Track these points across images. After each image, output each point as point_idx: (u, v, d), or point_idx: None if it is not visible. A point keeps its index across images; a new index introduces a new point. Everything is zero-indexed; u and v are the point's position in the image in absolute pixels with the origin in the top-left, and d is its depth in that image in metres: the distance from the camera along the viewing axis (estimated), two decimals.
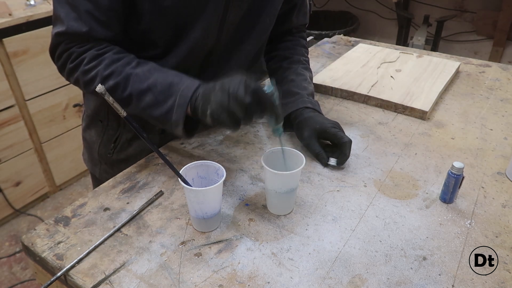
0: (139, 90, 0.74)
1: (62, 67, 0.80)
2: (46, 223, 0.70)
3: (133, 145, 0.95)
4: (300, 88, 0.93)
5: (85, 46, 0.76)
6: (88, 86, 0.77)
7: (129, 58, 0.77)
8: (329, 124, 0.85)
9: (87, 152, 1.04)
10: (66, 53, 0.77)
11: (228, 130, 0.90)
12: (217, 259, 0.64)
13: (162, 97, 0.73)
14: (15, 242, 2.07)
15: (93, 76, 0.75)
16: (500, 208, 0.74)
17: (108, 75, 0.75)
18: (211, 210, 0.66)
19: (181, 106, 0.72)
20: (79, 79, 0.77)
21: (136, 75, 0.74)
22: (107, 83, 0.74)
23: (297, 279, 0.60)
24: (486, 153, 0.89)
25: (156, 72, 0.75)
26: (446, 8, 2.66)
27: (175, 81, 0.74)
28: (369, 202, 0.75)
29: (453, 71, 1.19)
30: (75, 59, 0.76)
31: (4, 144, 1.97)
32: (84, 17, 0.73)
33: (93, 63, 0.75)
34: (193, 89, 0.72)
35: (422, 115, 1.01)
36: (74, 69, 0.77)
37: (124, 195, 0.77)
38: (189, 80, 0.74)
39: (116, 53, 0.77)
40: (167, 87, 0.73)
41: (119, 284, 0.59)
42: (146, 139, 0.65)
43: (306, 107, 0.90)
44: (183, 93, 0.72)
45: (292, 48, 1.03)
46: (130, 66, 0.75)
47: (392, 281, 0.60)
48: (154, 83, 0.74)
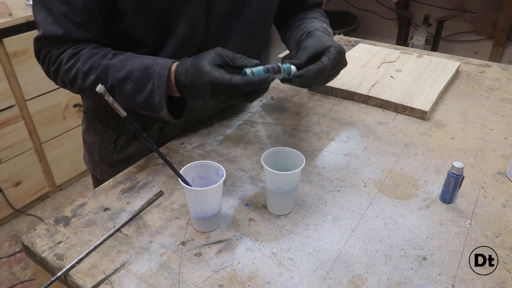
0: (119, 79, 0.74)
1: (47, 71, 0.81)
2: (46, 223, 0.70)
3: (132, 145, 0.95)
4: (315, 27, 0.88)
5: (63, 48, 0.76)
6: (73, 85, 0.78)
7: (106, 50, 0.77)
8: (337, 45, 0.79)
9: (87, 154, 1.04)
10: (47, 57, 0.78)
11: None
12: (217, 259, 0.64)
13: (141, 82, 0.73)
14: (15, 242, 2.07)
15: (74, 74, 0.76)
16: (500, 208, 0.74)
17: (87, 71, 0.75)
18: (211, 210, 0.66)
19: (161, 87, 0.72)
20: (64, 80, 0.78)
21: (114, 66, 0.75)
22: (88, 79, 0.75)
23: (297, 279, 0.60)
24: (486, 153, 0.89)
25: (132, 59, 0.75)
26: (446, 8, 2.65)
27: (149, 64, 0.74)
28: (369, 202, 0.75)
29: (453, 71, 1.19)
30: (55, 61, 0.77)
31: (4, 144, 1.97)
32: (59, 20, 0.73)
33: (71, 61, 0.75)
34: (168, 67, 0.72)
35: (422, 115, 1.01)
36: (56, 71, 0.78)
37: (124, 195, 0.77)
38: (163, 60, 0.74)
39: (92, 49, 0.77)
40: (143, 72, 0.73)
41: (119, 284, 0.59)
42: (146, 139, 0.65)
43: (317, 29, 0.86)
44: (160, 74, 0.72)
45: (306, 13, 0.98)
46: (106, 58, 0.75)
47: (392, 281, 0.60)
48: (130, 70, 0.74)
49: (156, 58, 0.75)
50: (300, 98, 1.11)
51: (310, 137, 0.94)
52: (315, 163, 0.85)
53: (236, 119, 1.01)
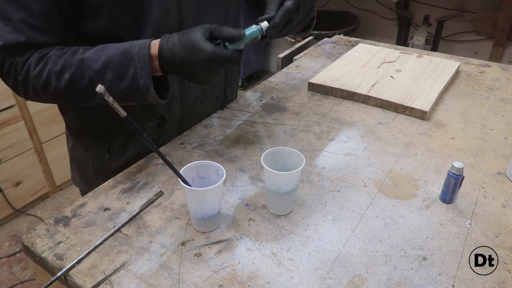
0: (96, 71, 0.71)
1: (14, 84, 0.76)
2: (46, 223, 0.70)
3: (129, 149, 0.92)
4: None
5: (27, 54, 0.73)
6: (47, 89, 0.74)
7: (75, 48, 0.74)
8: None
9: (78, 173, 0.99)
10: (12, 67, 0.74)
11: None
12: (217, 259, 0.64)
13: (121, 68, 0.71)
14: (15, 242, 2.07)
15: (46, 77, 0.72)
16: (500, 208, 0.74)
17: (60, 71, 0.72)
18: (211, 210, 0.66)
19: (144, 67, 0.70)
20: (35, 86, 0.74)
21: (88, 59, 0.71)
22: (63, 78, 0.72)
23: (297, 279, 0.60)
24: (486, 153, 0.89)
25: (106, 48, 0.73)
26: (446, 8, 2.66)
27: (126, 48, 0.72)
28: (369, 202, 0.75)
29: (453, 71, 1.19)
30: (21, 69, 0.73)
31: (4, 144, 1.98)
32: (19, 27, 0.70)
33: (40, 64, 0.72)
34: (147, 47, 0.71)
35: (422, 115, 1.01)
36: (25, 79, 0.74)
37: (124, 195, 0.77)
38: (139, 41, 0.72)
39: (59, 49, 0.74)
40: (122, 57, 0.71)
41: (119, 284, 0.59)
42: (146, 139, 0.65)
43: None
44: (140, 54, 0.70)
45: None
46: (78, 53, 0.72)
47: (392, 281, 0.60)
48: (107, 58, 0.71)
49: (131, 41, 0.73)
50: (300, 98, 1.11)
51: (310, 137, 0.94)
52: (315, 163, 0.85)
53: (236, 119, 1.01)
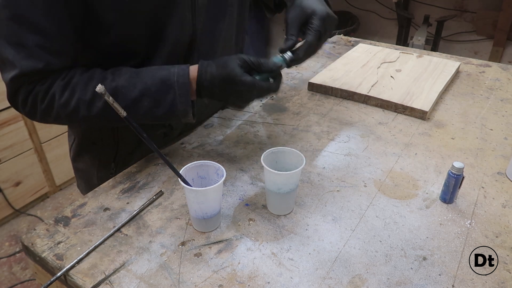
0: (133, 99, 0.72)
1: (32, 112, 0.74)
2: (46, 223, 0.70)
3: (135, 156, 0.91)
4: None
5: (48, 81, 0.71)
6: (73, 117, 0.72)
7: (99, 72, 0.73)
8: (319, 11, 0.79)
9: (83, 182, 0.99)
10: (31, 96, 0.71)
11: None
12: (217, 259, 0.64)
13: (160, 95, 0.73)
14: (15, 242, 2.07)
15: (76, 105, 0.71)
16: (500, 208, 0.74)
17: (92, 99, 0.71)
18: (211, 210, 0.66)
19: (184, 95, 0.73)
20: (60, 115, 0.72)
21: (123, 87, 0.71)
22: (95, 106, 0.71)
23: (297, 279, 0.60)
24: (486, 153, 0.89)
25: (139, 75, 0.73)
26: (446, 8, 2.65)
27: (164, 76, 0.73)
28: (369, 202, 0.75)
29: (453, 71, 1.19)
30: (44, 98, 0.71)
31: (4, 144, 1.97)
32: (36, 53, 0.67)
33: (67, 93, 0.71)
34: (187, 75, 0.72)
35: (422, 115, 1.01)
36: (49, 107, 0.72)
37: (124, 195, 0.76)
38: (175, 68, 0.73)
39: (81, 74, 0.72)
40: (160, 85, 0.72)
41: (119, 284, 0.59)
42: (146, 139, 0.65)
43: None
44: (180, 82, 0.72)
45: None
46: (108, 81, 0.72)
47: (392, 281, 0.60)
48: (145, 87, 0.72)
49: (166, 67, 0.74)
50: (300, 98, 1.11)
51: (310, 137, 0.94)
52: (315, 163, 0.85)
53: (236, 119, 1.01)
